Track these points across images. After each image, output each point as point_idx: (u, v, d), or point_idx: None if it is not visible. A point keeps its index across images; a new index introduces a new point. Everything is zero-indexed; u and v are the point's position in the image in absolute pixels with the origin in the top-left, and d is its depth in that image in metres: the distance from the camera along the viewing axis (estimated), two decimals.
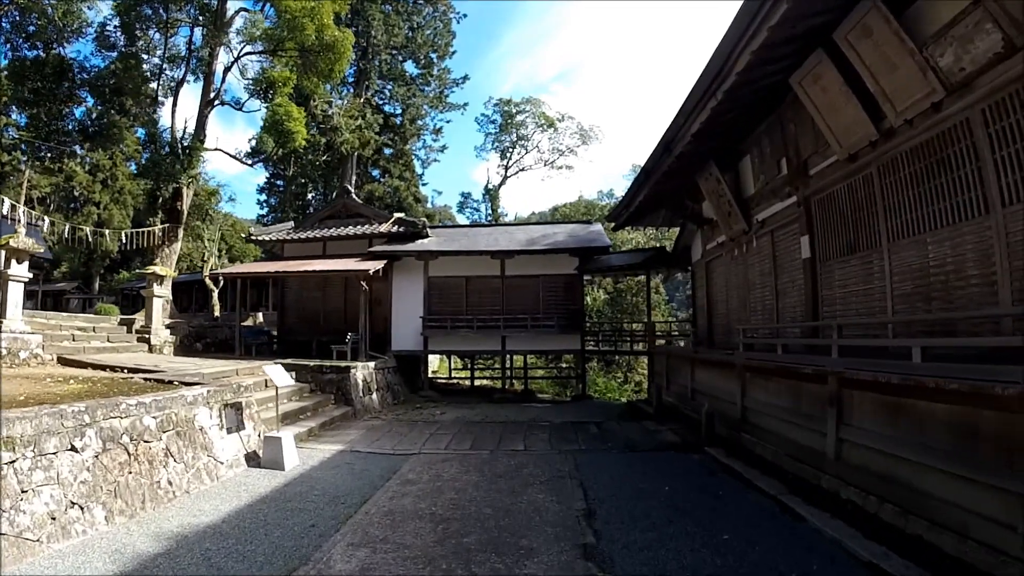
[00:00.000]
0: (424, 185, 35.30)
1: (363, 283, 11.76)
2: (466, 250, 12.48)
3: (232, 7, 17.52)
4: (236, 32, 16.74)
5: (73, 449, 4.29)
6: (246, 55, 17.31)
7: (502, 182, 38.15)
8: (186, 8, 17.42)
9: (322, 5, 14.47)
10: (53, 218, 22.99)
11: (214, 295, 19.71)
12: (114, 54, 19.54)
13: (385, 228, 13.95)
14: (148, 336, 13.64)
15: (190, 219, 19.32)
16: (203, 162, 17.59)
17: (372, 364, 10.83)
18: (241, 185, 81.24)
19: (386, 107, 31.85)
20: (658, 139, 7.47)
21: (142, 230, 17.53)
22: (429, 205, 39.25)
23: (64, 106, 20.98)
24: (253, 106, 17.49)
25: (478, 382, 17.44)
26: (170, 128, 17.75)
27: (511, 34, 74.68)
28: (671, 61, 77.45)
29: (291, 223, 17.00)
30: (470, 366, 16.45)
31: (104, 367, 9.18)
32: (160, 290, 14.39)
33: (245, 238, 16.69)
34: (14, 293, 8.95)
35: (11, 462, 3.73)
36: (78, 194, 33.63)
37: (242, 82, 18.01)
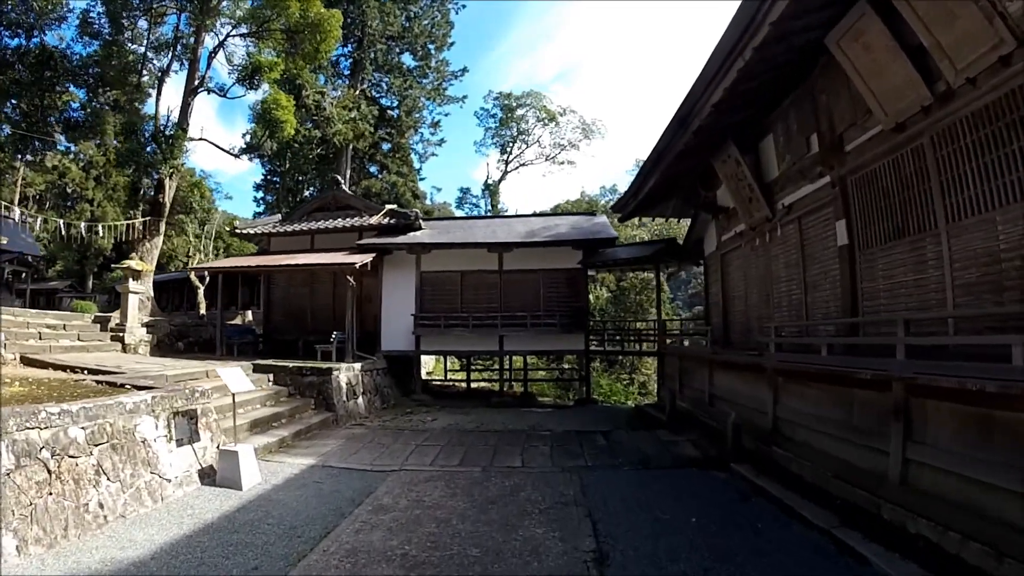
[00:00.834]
0: (422, 180, 34.58)
1: (349, 278, 10.98)
2: (461, 242, 11.67)
3: None
4: (221, 15, 15.94)
5: None
6: (231, 38, 16.56)
7: (502, 177, 37.42)
8: None
9: None
10: (47, 215, 22.39)
11: (200, 292, 18.95)
12: (96, 44, 18.80)
13: (376, 220, 13.17)
14: (122, 335, 12.93)
15: (174, 213, 18.57)
16: (186, 152, 16.84)
17: (358, 366, 10.05)
18: (241, 185, 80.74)
19: (383, 100, 31.11)
20: (671, 116, 6.67)
21: (122, 223, 16.79)
22: (428, 201, 38.50)
23: (47, 96, 20.28)
24: (237, 92, 16.73)
25: (476, 384, 16.66)
26: (153, 116, 16.96)
27: (510, 35, 74.10)
28: (671, 61, 76.80)
29: (279, 216, 16.24)
30: (467, 367, 15.64)
31: (65, 367, 8.48)
32: (136, 286, 13.67)
33: (230, 232, 15.92)
34: None
35: None
36: (71, 191, 33.05)
37: (226, 67, 17.24)
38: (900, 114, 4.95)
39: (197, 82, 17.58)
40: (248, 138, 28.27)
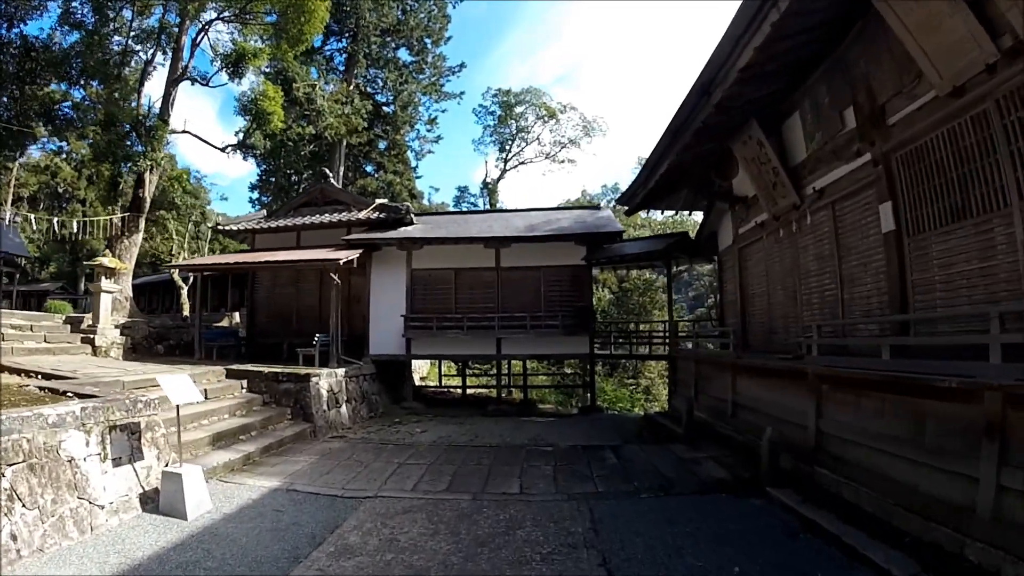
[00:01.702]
0: (419, 178, 33.87)
1: (334, 276, 10.23)
2: (454, 237, 10.91)
3: None
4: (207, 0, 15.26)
5: None
6: (215, 24, 15.87)
7: (501, 176, 36.69)
8: None
9: None
10: (39, 215, 21.70)
11: (183, 293, 18.20)
12: (76, 35, 18.13)
13: (364, 215, 12.43)
14: (93, 337, 12.19)
15: (155, 210, 17.86)
16: (167, 144, 16.12)
17: (341, 371, 9.29)
18: (241, 188, 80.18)
19: (378, 97, 30.46)
20: (691, 85, 5.93)
21: (99, 218, 16.09)
22: (425, 201, 37.75)
23: (28, 88, 19.62)
24: (221, 80, 16.06)
25: (473, 390, 15.88)
26: (135, 107, 16.26)
27: (508, 39, 73.71)
28: (670, 62, 76.42)
29: (263, 212, 15.52)
30: (462, 372, 14.84)
31: (20, 371, 7.71)
32: (109, 284, 12.94)
33: (213, 229, 15.20)
34: None
35: None
36: (62, 191, 32.42)
37: (210, 57, 16.59)
38: (958, 76, 4.25)
39: (180, 72, 16.91)
40: (241, 136, 27.78)
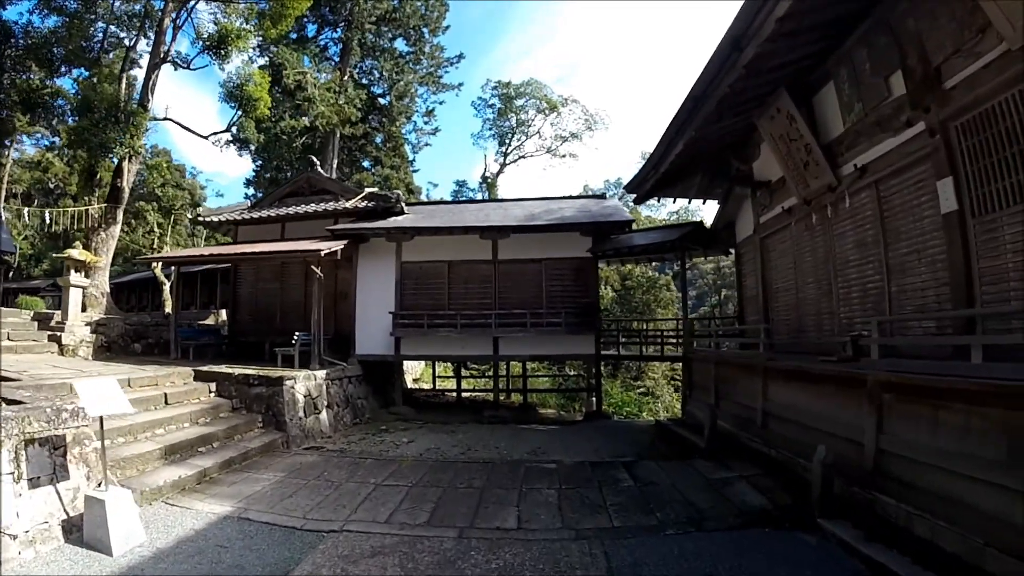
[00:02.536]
0: (416, 172, 33.11)
1: (316, 269, 9.48)
2: (448, 226, 10.11)
3: None
4: None
5: None
6: (196, 3, 15.12)
7: (500, 170, 35.95)
8: None
9: None
10: (32, 209, 21.02)
11: (165, 290, 17.47)
12: (54, 19, 17.39)
13: (352, 204, 11.67)
14: (60, 335, 11.48)
15: (133, 200, 17.14)
16: (147, 131, 15.39)
17: (322, 373, 8.54)
18: (240, 186, 79.54)
19: (374, 88, 29.74)
20: (719, 41, 5.15)
21: (75, 209, 15.38)
22: (423, 196, 37.00)
23: (7, 75, 18.90)
24: (202, 63, 15.33)
25: (469, 392, 15.14)
26: (114, 92, 15.50)
27: (507, 40, 73.01)
28: (670, 63, 75.72)
29: (247, 203, 14.79)
30: (457, 374, 14.06)
31: None
32: (79, 279, 12.20)
33: (192, 220, 14.50)
34: None
35: None
36: (53, 186, 31.77)
37: (191, 36, 15.80)
38: None
39: (162, 56, 16.17)
40: (235, 129, 27.07)
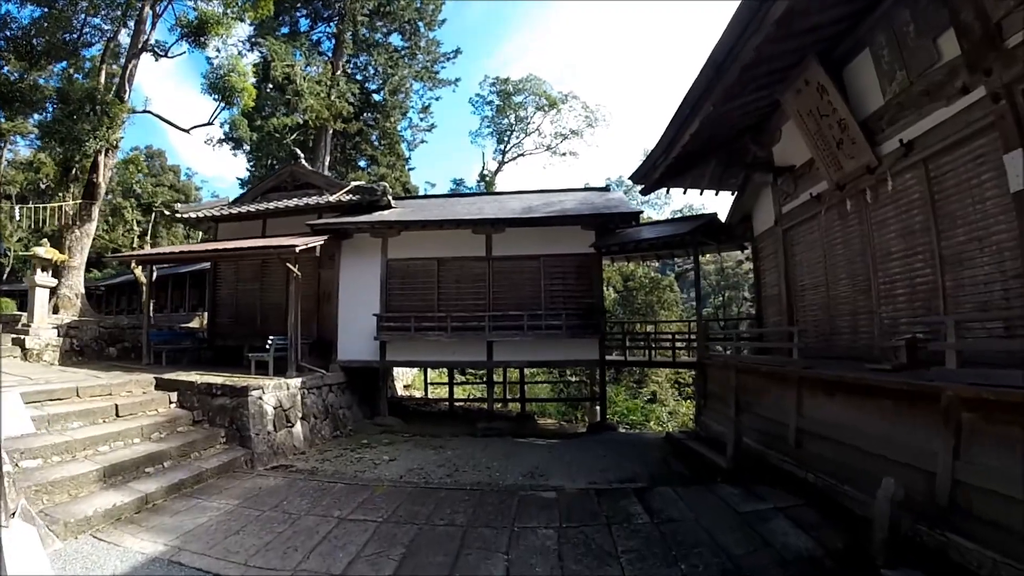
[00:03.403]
0: (411, 170, 32.42)
1: (293, 267, 8.77)
2: (437, 219, 9.36)
3: None
4: None
5: None
6: None
7: (499, 168, 35.35)
8: None
9: None
10: (24, 208, 20.44)
11: (145, 291, 16.78)
12: (31, 9, 16.78)
13: (336, 198, 10.97)
14: (24, 339, 10.82)
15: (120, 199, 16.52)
16: (124, 124, 14.70)
17: (297, 381, 7.82)
18: (238, 191, 79.01)
19: (369, 85, 29.16)
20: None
21: (49, 206, 14.72)
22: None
23: None
24: (179, 51, 14.68)
25: (464, 396, 14.41)
26: (87, 83, 14.88)
27: (505, 44, 72.57)
28: (669, 62, 75.28)
29: (227, 198, 14.12)
30: (450, 380, 13.29)
31: None
32: (46, 278, 11.53)
33: (169, 216, 13.83)
34: None
35: None
36: (44, 187, 31.25)
37: (176, 27, 15.13)
38: None
39: (141, 45, 15.55)
40: (227, 128, 26.49)
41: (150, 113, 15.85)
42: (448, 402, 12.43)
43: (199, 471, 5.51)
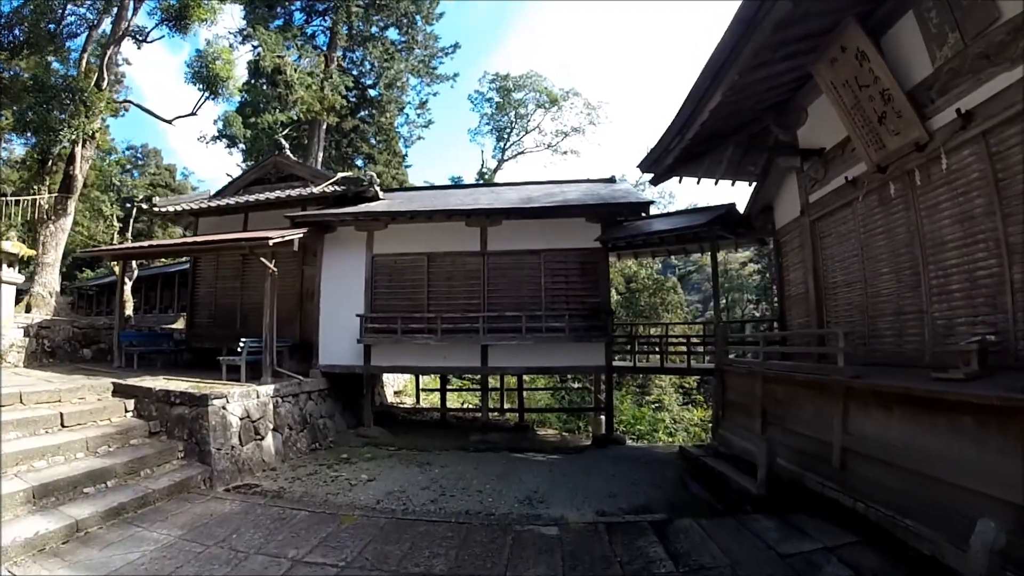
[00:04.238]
0: (408, 167, 31.82)
1: (267, 262, 8.13)
2: (427, 210, 8.68)
3: None
4: None
5: None
6: None
7: (498, 166, 34.70)
8: None
9: None
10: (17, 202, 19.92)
11: (126, 290, 16.21)
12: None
13: (320, 189, 10.34)
14: None
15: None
16: (102, 114, 14.11)
17: (270, 388, 7.17)
18: None
19: (364, 80, 28.64)
20: None
21: (22, 198, 14.14)
22: None
23: None
24: (158, 35, 14.14)
25: (458, 403, 13.73)
26: (64, 71, 14.34)
27: (503, 45, 72.15)
28: (670, 61, 74.71)
29: (208, 191, 13.53)
30: (442, 387, 12.56)
31: None
32: (12, 275, 10.87)
33: (148, 210, 13.24)
34: None
35: None
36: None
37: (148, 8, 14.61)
38: None
39: (121, 32, 15.01)
40: (221, 125, 25.95)
41: (131, 103, 15.29)
42: (440, 413, 11.72)
43: (145, 492, 4.86)
